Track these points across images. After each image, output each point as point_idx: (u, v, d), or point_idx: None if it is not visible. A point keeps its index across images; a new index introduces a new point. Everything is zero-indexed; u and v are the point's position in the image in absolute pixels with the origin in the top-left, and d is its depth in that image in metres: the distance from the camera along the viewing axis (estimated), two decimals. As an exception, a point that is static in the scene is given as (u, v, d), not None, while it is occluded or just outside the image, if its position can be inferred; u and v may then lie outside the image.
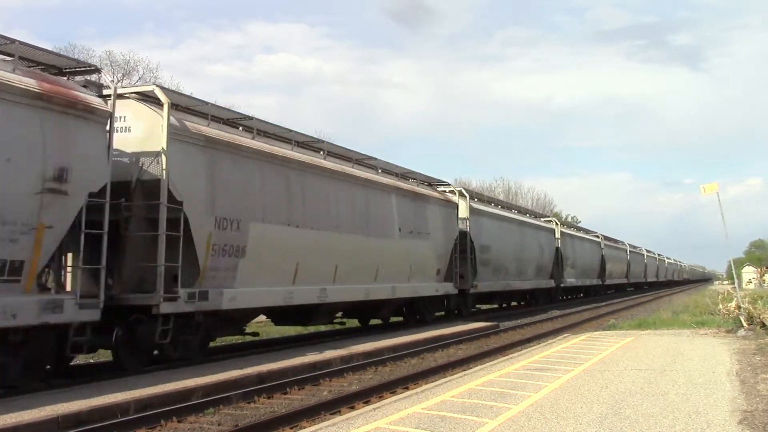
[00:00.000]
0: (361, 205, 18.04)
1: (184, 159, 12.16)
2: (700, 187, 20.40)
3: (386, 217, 19.37)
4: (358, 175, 18.13)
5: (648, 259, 73.40)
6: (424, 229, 21.52)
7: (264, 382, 11.29)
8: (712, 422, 7.51)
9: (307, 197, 15.55)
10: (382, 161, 20.11)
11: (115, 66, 42.10)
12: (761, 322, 17.96)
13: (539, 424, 7.39)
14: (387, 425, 7.46)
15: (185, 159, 12.21)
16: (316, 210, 15.82)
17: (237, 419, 9.24)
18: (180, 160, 12.02)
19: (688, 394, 9.13)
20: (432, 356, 15.83)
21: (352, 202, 17.63)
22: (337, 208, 16.86)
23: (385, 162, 20.26)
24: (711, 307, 23.45)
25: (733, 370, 11.36)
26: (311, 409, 9.57)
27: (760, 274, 79.04)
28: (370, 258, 18.16)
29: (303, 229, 15.25)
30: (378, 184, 19.13)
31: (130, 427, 8.48)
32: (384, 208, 19.30)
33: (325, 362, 13.30)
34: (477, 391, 9.43)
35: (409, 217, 20.60)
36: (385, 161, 20.26)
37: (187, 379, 10.73)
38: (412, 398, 9.05)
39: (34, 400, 9.01)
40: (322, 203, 16.17)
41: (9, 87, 9.24)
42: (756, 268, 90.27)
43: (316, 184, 15.93)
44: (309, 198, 15.62)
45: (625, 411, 8.07)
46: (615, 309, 34.87)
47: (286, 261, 14.75)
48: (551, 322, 26.65)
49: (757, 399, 8.82)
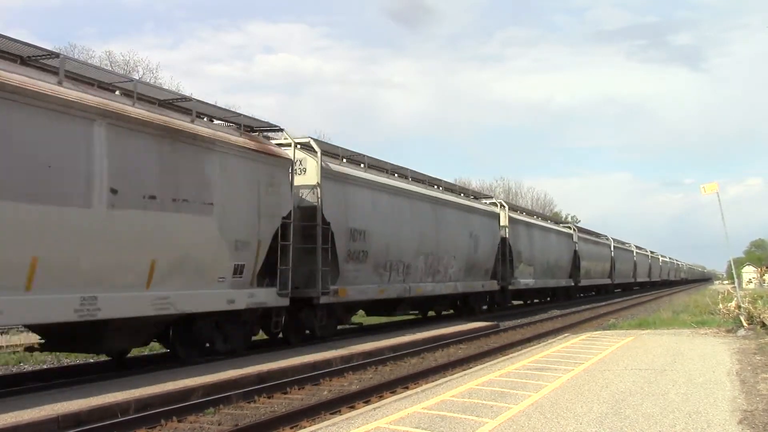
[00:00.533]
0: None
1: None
2: (700, 187, 20.40)
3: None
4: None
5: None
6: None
7: (264, 381, 11.29)
8: (712, 422, 7.50)
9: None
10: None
11: (115, 66, 42.09)
12: (761, 321, 17.96)
13: (539, 424, 7.39)
14: (387, 425, 7.46)
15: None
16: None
17: (237, 419, 9.24)
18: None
19: (688, 394, 9.13)
20: (432, 356, 15.83)
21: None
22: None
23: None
24: (711, 306, 23.44)
25: (733, 369, 11.36)
26: (311, 408, 9.58)
27: (760, 273, 79.03)
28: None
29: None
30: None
31: (130, 426, 8.48)
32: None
33: (326, 362, 13.31)
34: (477, 391, 9.43)
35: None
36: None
37: (187, 378, 10.73)
38: (413, 398, 9.05)
39: (33, 399, 9.01)
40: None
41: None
42: (756, 268, 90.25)
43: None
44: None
45: (626, 411, 8.07)
46: (615, 309, 34.92)
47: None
48: (551, 321, 26.66)
49: (757, 399, 8.82)
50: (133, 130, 10.98)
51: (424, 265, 21.28)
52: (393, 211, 19.51)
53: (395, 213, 19.65)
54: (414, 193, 21.18)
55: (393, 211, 19.52)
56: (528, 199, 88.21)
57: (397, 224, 19.63)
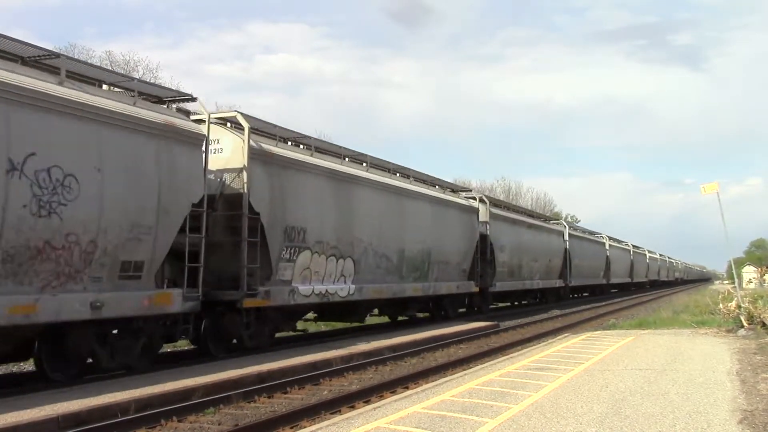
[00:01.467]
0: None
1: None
2: (700, 187, 20.45)
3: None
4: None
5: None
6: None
7: (264, 381, 11.28)
8: (712, 422, 7.50)
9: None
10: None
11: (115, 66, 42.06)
12: (761, 321, 17.96)
13: (539, 424, 7.39)
14: (387, 425, 7.45)
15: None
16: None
17: (237, 419, 9.23)
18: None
19: (688, 394, 9.13)
20: (432, 356, 15.83)
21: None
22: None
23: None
24: (711, 306, 23.44)
25: (734, 369, 11.36)
26: (311, 408, 9.57)
27: (761, 273, 79.06)
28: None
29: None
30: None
31: (130, 426, 8.47)
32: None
33: (326, 362, 13.30)
34: (477, 391, 9.43)
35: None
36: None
37: (187, 378, 10.73)
38: (413, 398, 9.05)
39: (33, 399, 9.00)
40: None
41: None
42: (756, 268, 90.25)
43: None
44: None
45: (626, 410, 8.06)
46: (615, 309, 34.90)
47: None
48: (551, 321, 26.65)
49: (758, 398, 8.82)
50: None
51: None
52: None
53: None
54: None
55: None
56: (528, 199, 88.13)
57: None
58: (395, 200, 19.82)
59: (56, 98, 9.90)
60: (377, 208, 18.68)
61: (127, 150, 10.99)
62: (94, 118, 10.43)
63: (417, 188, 21.64)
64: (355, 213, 17.57)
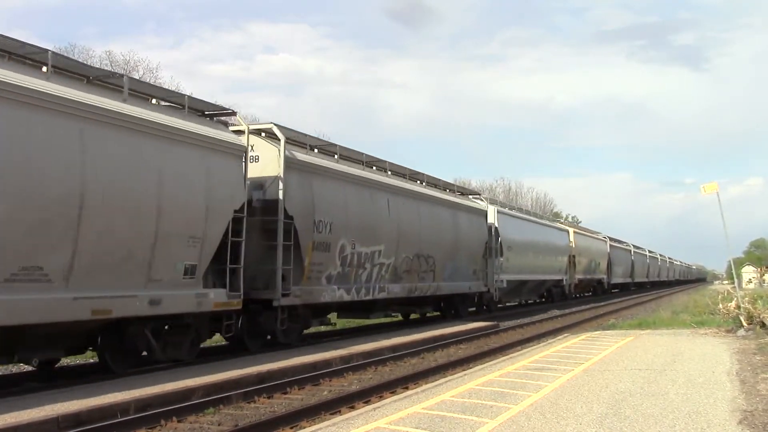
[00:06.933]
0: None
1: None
2: (700, 187, 20.39)
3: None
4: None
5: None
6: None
7: (264, 382, 11.29)
8: (712, 422, 7.51)
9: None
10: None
11: (115, 66, 42.09)
12: (761, 321, 17.97)
13: (539, 424, 7.39)
14: (387, 425, 7.46)
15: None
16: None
17: (237, 419, 9.24)
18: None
19: (688, 394, 9.13)
20: (432, 356, 15.83)
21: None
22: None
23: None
24: (711, 306, 23.45)
25: (733, 369, 11.36)
26: (311, 408, 9.57)
27: (760, 273, 79.03)
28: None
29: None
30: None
31: (130, 426, 8.48)
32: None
33: (325, 362, 13.31)
34: (477, 391, 9.44)
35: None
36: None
37: (187, 379, 10.73)
38: (412, 398, 9.05)
39: (33, 399, 9.01)
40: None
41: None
42: (756, 268, 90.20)
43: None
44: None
45: (625, 411, 8.07)
46: (615, 309, 34.90)
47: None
48: (551, 321, 26.66)
49: (757, 399, 8.82)
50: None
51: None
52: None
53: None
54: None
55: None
56: (528, 199, 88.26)
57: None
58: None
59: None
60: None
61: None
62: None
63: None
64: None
